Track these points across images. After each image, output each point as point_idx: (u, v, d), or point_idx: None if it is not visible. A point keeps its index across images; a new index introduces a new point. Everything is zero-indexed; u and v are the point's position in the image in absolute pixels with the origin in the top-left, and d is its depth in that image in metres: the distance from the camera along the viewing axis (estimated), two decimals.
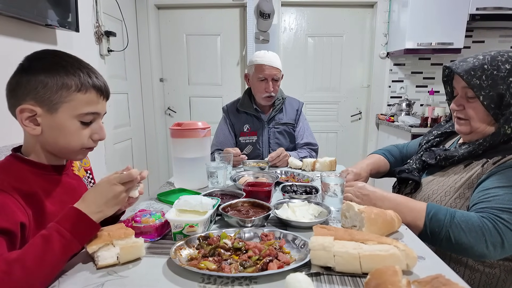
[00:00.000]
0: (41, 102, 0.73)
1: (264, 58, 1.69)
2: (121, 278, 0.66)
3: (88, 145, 0.82)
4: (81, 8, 1.89)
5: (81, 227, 0.68)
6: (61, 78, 0.74)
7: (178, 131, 1.24)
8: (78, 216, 0.68)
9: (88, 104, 0.78)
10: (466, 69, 0.94)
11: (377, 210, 0.85)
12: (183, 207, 0.87)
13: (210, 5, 3.12)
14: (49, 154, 0.81)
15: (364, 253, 0.65)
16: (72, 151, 0.81)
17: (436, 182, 1.03)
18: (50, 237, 0.64)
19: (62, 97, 0.74)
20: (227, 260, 0.69)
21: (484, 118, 0.96)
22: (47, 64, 0.75)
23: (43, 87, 0.73)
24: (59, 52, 0.80)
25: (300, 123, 1.87)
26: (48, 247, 0.63)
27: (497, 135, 0.93)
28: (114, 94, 2.57)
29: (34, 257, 0.61)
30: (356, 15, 3.19)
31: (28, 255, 0.61)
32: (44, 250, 0.62)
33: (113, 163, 2.49)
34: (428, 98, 3.05)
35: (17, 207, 0.70)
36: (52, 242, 0.63)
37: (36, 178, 0.78)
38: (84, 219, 0.68)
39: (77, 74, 0.75)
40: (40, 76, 0.73)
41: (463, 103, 1.00)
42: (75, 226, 0.67)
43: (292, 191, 1.14)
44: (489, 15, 2.63)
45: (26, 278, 0.59)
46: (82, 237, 0.68)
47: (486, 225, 0.81)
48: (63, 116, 0.75)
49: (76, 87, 0.75)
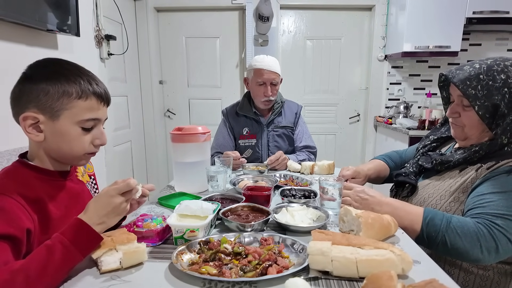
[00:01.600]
0: (43, 109, 0.75)
1: (263, 63, 1.71)
2: (124, 282, 0.68)
3: (90, 150, 0.84)
4: (82, 12, 1.91)
5: (84, 238, 0.68)
6: (62, 86, 0.76)
7: (178, 135, 1.25)
8: (81, 227, 0.69)
9: (89, 111, 0.79)
10: (462, 79, 0.95)
11: (374, 215, 0.87)
12: (184, 212, 0.89)
13: (209, 8, 3.14)
14: (53, 160, 0.82)
15: (361, 258, 0.67)
16: (75, 157, 0.83)
17: (432, 186, 1.05)
18: (53, 247, 0.65)
19: (63, 104, 0.76)
20: (228, 265, 0.71)
21: (478, 126, 0.98)
22: (48, 72, 0.77)
23: (44, 95, 0.74)
24: (61, 60, 0.82)
25: (299, 126, 1.89)
26: (50, 257, 0.64)
27: (494, 145, 0.95)
28: (114, 97, 2.54)
29: (36, 268, 0.62)
30: (354, 18, 3.21)
31: (31, 265, 0.62)
32: (46, 261, 0.63)
33: (113, 165, 2.50)
34: (425, 101, 3.07)
35: (23, 212, 0.71)
36: (54, 252, 0.64)
37: (42, 184, 0.79)
38: (86, 230, 0.69)
39: (77, 82, 0.77)
40: (42, 84, 0.75)
41: (458, 110, 1.01)
42: (78, 237, 0.67)
43: (291, 195, 1.15)
44: (485, 18, 2.65)
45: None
46: (84, 248, 0.68)
47: (481, 230, 0.83)
48: (64, 123, 0.77)
49: (77, 94, 0.77)
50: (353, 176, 1.27)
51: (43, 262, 0.63)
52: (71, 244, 0.66)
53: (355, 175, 1.27)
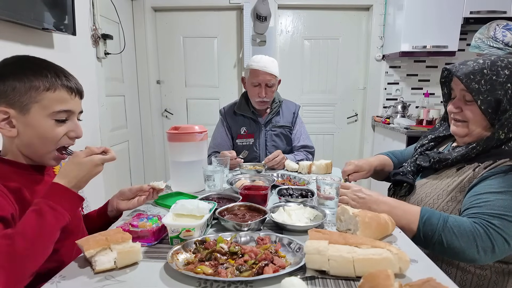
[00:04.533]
0: (13, 104, 0.77)
1: (259, 63, 1.70)
2: (119, 282, 0.67)
3: (64, 143, 0.85)
4: (78, 11, 1.90)
5: (68, 200, 0.75)
6: (29, 80, 0.78)
7: (175, 135, 1.25)
8: (64, 191, 0.75)
9: (59, 102, 0.81)
10: (466, 73, 0.94)
11: (371, 214, 0.86)
12: (180, 212, 0.88)
13: (207, 7, 3.13)
14: (26, 157, 0.84)
15: (358, 257, 0.67)
16: (47, 151, 0.83)
17: (430, 185, 1.05)
18: (42, 211, 0.70)
19: (32, 98, 0.78)
20: (224, 264, 0.70)
21: (481, 122, 0.97)
22: (15, 68, 0.79)
23: (12, 90, 0.77)
24: (29, 56, 0.84)
25: (296, 126, 1.89)
26: (42, 219, 0.69)
27: (491, 139, 0.94)
28: (111, 97, 2.57)
29: (31, 228, 0.67)
30: (352, 18, 3.21)
31: (25, 228, 0.67)
32: (39, 223, 0.68)
33: (110, 165, 2.49)
34: (423, 100, 3.08)
35: (6, 200, 0.73)
36: (44, 215, 0.69)
37: (19, 178, 0.81)
38: (69, 193, 0.75)
39: (44, 75, 0.79)
40: (9, 80, 0.77)
41: (460, 105, 1.00)
42: (63, 200, 0.73)
43: (288, 194, 1.15)
44: (483, 18, 2.65)
45: (30, 248, 0.65)
46: (70, 209, 0.74)
47: (478, 230, 0.83)
48: (35, 116, 0.79)
49: (44, 87, 0.79)
50: (355, 171, 1.27)
51: (36, 225, 0.68)
52: (59, 206, 0.72)
53: (357, 169, 1.26)
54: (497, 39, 1.70)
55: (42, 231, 0.68)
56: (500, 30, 1.71)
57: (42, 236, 0.68)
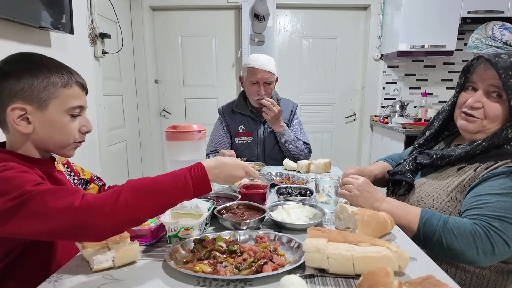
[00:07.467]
0: (30, 100, 0.76)
1: (257, 62, 1.70)
2: (117, 281, 0.67)
3: (79, 138, 0.85)
4: (76, 10, 1.89)
5: (202, 185, 0.73)
6: (46, 77, 0.77)
7: (173, 133, 1.24)
8: (203, 176, 0.74)
9: (74, 98, 0.82)
10: (505, 67, 0.87)
11: (370, 212, 0.86)
12: (179, 210, 0.87)
13: (205, 7, 3.13)
14: (41, 151, 0.83)
15: (357, 255, 0.66)
16: (66, 145, 0.84)
17: (429, 184, 1.04)
18: (179, 176, 0.70)
19: (51, 94, 0.78)
20: (222, 263, 0.70)
21: (501, 120, 0.92)
22: (28, 65, 0.78)
23: (29, 87, 0.76)
24: (34, 53, 0.83)
25: (293, 122, 1.89)
26: (174, 183, 0.69)
27: (498, 136, 0.91)
28: (109, 96, 2.56)
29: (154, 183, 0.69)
30: (350, 17, 3.21)
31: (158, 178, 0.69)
32: (168, 178, 0.70)
33: (108, 165, 2.48)
34: (421, 100, 3.08)
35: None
36: (177, 181, 0.70)
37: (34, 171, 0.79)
38: (206, 180, 0.74)
39: (59, 72, 0.79)
40: (24, 77, 0.76)
41: (482, 101, 0.93)
42: (199, 181, 0.72)
43: (287, 193, 1.15)
44: (480, 18, 2.66)
45: (134, 202, 0.65)
46: (197, 192, 0.72)
47: (478, 232, 0.82)
48: (53, 112, 0.79)
49: (62, 83, 0.79)
50: (357, 174, 1.25)
51: (164, 180, 0.69)
52: (191, 182, 0.71)
53: (358, 173, 1.25)
54: (496, 38, 1.70)
55: (158, 193, 0.68)
56: (498, 30, 1.71)
57: (158, 191, 0.68)
